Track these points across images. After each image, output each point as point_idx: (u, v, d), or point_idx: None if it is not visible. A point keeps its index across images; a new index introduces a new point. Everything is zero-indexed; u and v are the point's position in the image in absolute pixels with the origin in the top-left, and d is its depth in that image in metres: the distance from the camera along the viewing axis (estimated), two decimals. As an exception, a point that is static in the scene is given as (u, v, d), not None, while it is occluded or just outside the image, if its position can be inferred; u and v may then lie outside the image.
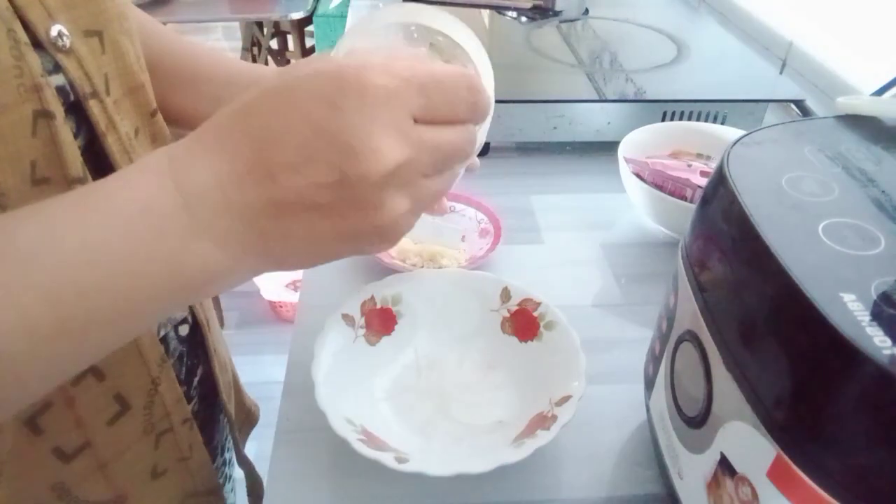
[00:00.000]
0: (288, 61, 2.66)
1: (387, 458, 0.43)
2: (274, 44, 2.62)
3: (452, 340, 0.56)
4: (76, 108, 0.38)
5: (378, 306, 0.56)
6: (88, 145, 0.39)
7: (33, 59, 0.33)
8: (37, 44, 0.34)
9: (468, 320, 0.57)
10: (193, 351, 0.53)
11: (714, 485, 0.36)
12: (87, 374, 0.41)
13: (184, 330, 0.52)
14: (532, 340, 0.55)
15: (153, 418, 0.47)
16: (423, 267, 0.65)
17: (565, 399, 0.48)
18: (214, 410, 0.60)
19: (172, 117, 0.53)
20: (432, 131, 0.30)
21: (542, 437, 0.45)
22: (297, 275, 1.76)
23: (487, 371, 0.55)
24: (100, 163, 0.39)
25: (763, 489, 0.31)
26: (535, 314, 0.55)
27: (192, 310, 0.52)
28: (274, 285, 1.76)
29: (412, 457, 0.45)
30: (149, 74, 0.47)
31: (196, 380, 0.55)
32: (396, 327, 0.57)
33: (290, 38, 2.52)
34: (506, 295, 0.57)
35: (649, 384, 0.47)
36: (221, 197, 0.28)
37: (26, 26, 0.33)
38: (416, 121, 0.29)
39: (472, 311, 0.57)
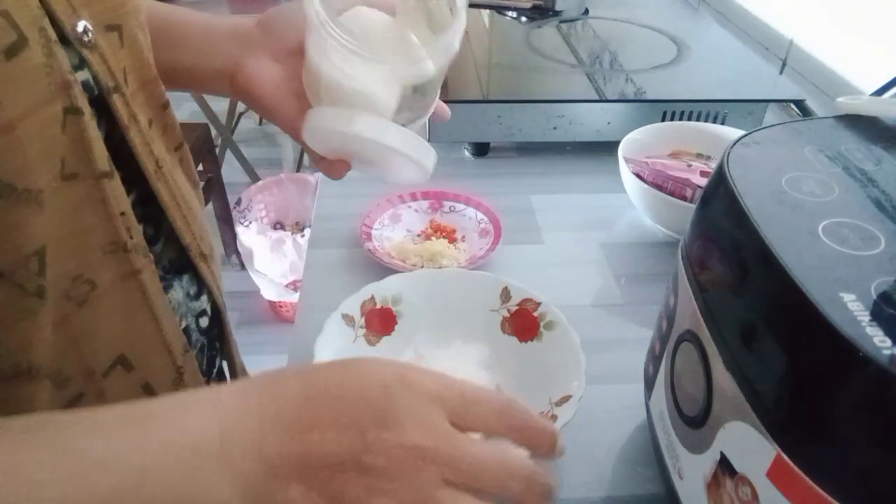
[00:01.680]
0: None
1: None
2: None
3: (452, 340, 0.56)
4: (99, 103, 0.38)
5: (378, 306, 0.56)
6: (107, 139, 0.39)
7: (62, 56, 0.34)
8: (63, 40, 0.34)
9: (468, 320, 0.57)
10: (212, 343, 0.53)
11: (714, 485, 0.36)
12: (117, 365, 0.41)
13: (204, 322, 0.51)
14: (532, 340, 0.55)
15: None
16: (423, 267, 0.65)
17: (565, 399, 0.48)
18: None
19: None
20: (463, 437, 0.30)
21: None
22: (297, 275, 1.76)
23: (486, 371, 0.55)
24: (121, 155, 0.40)
25: (763, 489, 0.31)
26: (536, 314, 0.55)
27: (212, 300, 0.52)
28: (274, 285, 1.76)
29: None
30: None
31: (215, 371, 0.55)
32: (396, 327, 0.57)
33: (290, 38, 2.52)
34: (506, 295, 0.57)
35: (649, 384, 0.47)
36: (259, 439, 0.29)
37: (54, 22, 0.34)
38: (452, 425, 0.30)
39: (472, 311, 0.57)
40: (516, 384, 0.53)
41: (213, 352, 0.54)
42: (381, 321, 0.56)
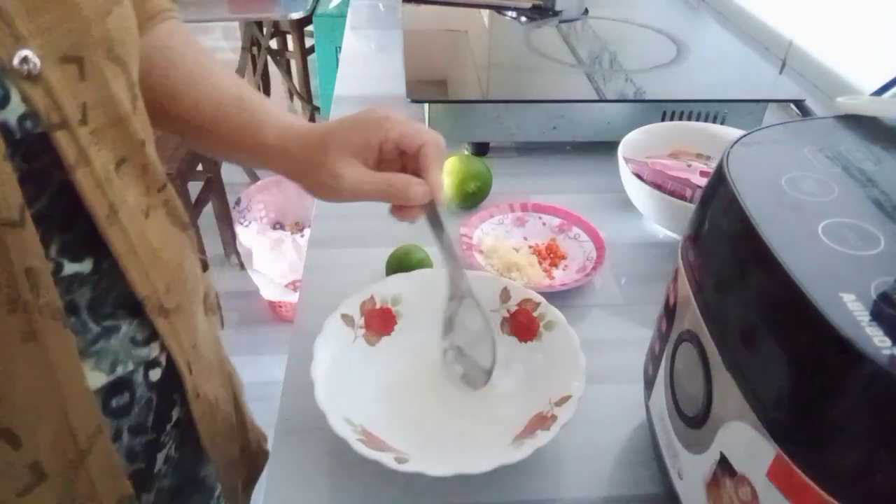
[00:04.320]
0: (287, 61, 2.66)
1: (387, 459, 0.43)
2: (273, 44, 2.61)
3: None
4: (42, 140, 0.34)
5: (378, 306, 0.56)
6: (48, 179, 0.36)
7: None
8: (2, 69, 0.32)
9: None
10: (167, 396, 0.47)
11: (714, 485, 0.36)
12: (1, 440, 0.37)
13: (155, 374, 0.46)
14: (532, 340, 0.55)
15: (74, 494, 0.41)
16: (498, 273, 0.65)
17: (565, 399, 0.48)
18: (196, 459, 0.55)
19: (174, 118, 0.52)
20: None
21: (542, 438, 0.45)
22: (297, 275, 1.76)
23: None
24: (69, 194, 0.36)
25: (763, 489, 0.31)
26: (535, 314, 0.55)
27: (168, 354, 0.46)
28: (273, 285, 1.76)
29: (412, 456, 0.45)
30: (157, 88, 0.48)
31: (170, 426, 0.49)
32: (396, 327, 0.57)
33: (289, 38, 2.52)
34: (505, 295, 0.57)
35: (649, 384, 0.47)
36: None
37: None
38: None
39: None
40: (516, 384, 0.53)
41: (169, 407, 0.48)
42: (380, 321, 0.56)
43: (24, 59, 0.32)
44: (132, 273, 0.40)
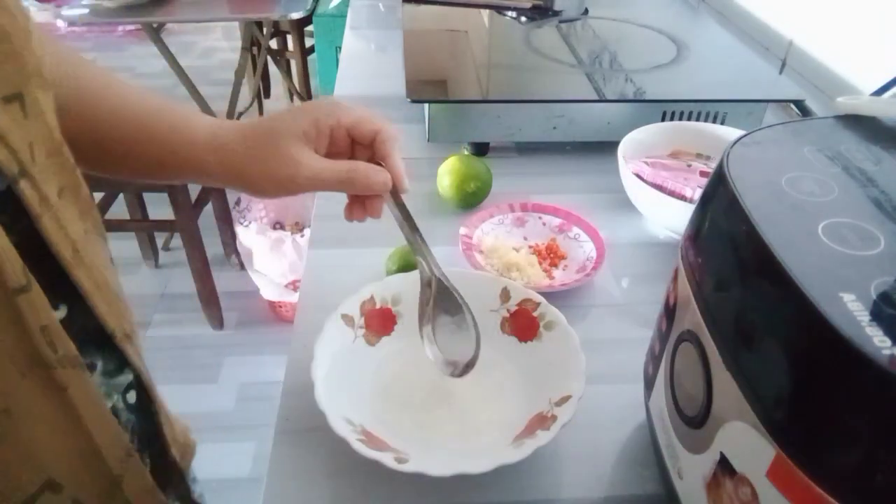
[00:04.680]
0: (287, 61, 2.66)
1: (387, 459, 0.43)
2: (273, 44, 2.61)
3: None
4: (5, 195, 0.32)
5: (378, 306, 0.56)
6: (15, 230, 0.33)
7: None
8: None
9: None
10: (147, 416, 0.47)
11: (714, 485, 0.36)
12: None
13: (131, 397, 0.45)
14: (532, 340, 0.55)
15: None
16: (498, 273, 0.65)
17: (565, 399, 0.48)
18: (167, 468, 0.53)
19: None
20: None
21: (542, 438, 0.45)
22: (297, 275, 1.76)
23: (488, 371, 0.55)
24: (33, 246, 0.34)
25: (763, 489, 0.31)
26: (535, 314, 0.55)
27: (134, 372, 0.44)
28: (273, 285, 1.76)
29: (412, 456, 0.45)
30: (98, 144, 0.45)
31: (155, 445, 0.48)
32: (396, 327, 0.57)
33: (289, 38, 2.52)
34: (505, 295, 0.57)
35: (649, 384, 0.47)
36: None
37: None
38: None
39: (472, 311, 0.57)
40: (516, 384, 0.53)
41: (151, 425, 0.47)
42: (380, 321, 0.56)
43: None
44: (100, 308, 0.39)
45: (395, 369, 0.55)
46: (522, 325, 0.56)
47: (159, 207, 1.76)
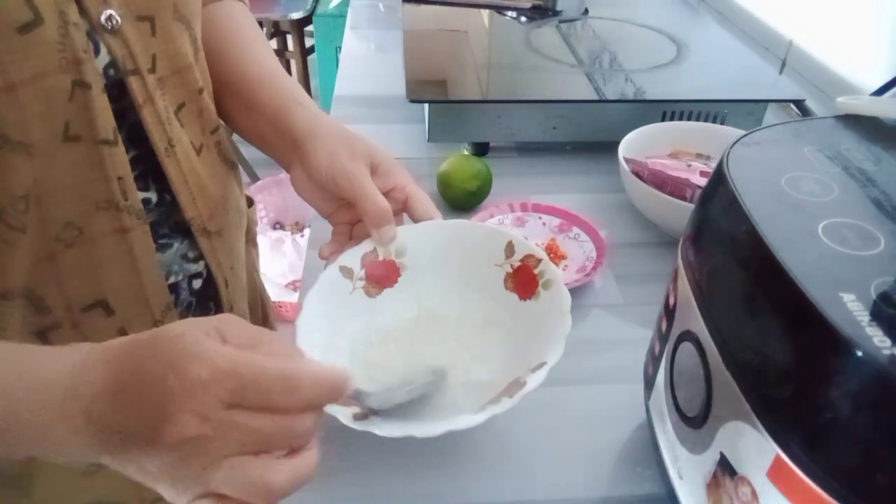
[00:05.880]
0: (287, 61, 2.66)
1: (342, 414, 0.41)
2: (273, 44, 2.62)
3: (455, 294, 0.55)
4: (121, 84, 0.43)
5: (381, 258, 0.55)
6: (125, 116, 0.44)
7: (78, 38, 0.39)
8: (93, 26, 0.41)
9: (472, 275, 0.55)
10: (204, 304, 0.56)
11: (714, 485, 0.36)
12: (97, 307, 0.46)
13: (197, 283, 0.55)
14: (530, 299, 0.53)
15: None
16: None
17: (540, 366, 0.44)
18: None
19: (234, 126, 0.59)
20: (242, 416, 0.31)
21: (503, 405, 0.42)
22: (297, 275, 1.76)
23: (485, 327, 0.53)
24: (140, 130, 0.46)
25: (763, 489, 0.31)
26: (536, 271, 0.53)
27: (207, 266, 0.55)
28: (273, 285, 1.76)
29: (377, 413, 0.43)
30: (217, 93, 0.55)
31: None
32: (400, 279, 0.55)
33: (289, 38, 2.52)
34: (510, 249, 0.55)
35: (649, 384, 0.47)
36: (90, 401, 0.32)
37: (84, 10, 0.40)
38: (230, 406, 0.31)
39: (477, 265, 0.55)
40: (509, 344, 0.52)
41: (203, 311, 0.57)
42: (383, 273, 0.55)
43: (109, 17, 0.41)
44: (182, 197, 0.49)
45: (395, 321, 0.54)
46: (523, 281, 0.54)
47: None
